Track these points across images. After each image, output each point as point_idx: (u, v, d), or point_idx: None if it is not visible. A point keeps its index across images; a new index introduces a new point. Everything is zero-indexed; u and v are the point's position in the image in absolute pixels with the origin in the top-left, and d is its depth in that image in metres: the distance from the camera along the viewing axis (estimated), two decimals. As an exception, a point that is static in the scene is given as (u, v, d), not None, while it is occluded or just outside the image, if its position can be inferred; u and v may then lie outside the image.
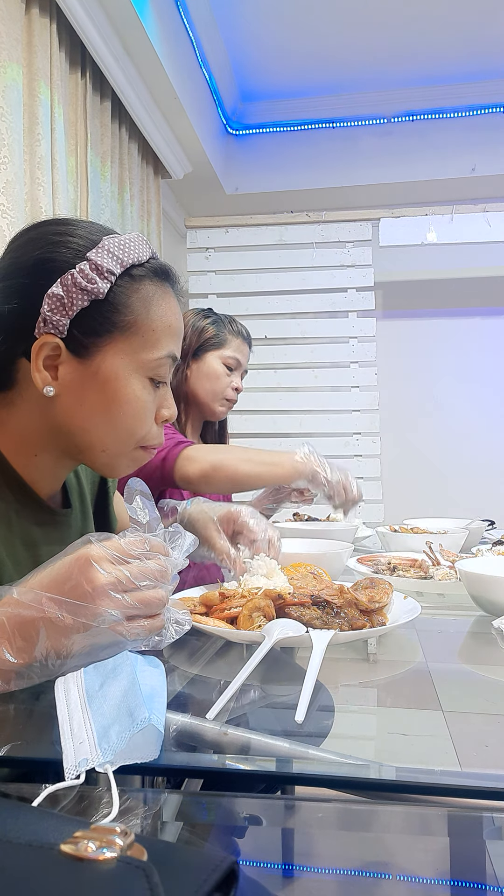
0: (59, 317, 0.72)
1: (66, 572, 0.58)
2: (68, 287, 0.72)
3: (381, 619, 0.82)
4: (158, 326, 0.77)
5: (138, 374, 0.76)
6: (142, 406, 0.77)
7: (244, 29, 2.89)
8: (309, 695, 0.58)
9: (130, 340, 0.75)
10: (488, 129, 3.23)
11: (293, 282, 3.52)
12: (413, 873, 0.49)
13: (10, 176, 1.76)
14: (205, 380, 1.69)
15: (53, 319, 0.72)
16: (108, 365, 0.75)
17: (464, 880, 0.52)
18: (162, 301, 0.78)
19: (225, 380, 1.70)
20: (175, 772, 0.55)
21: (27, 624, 0.57)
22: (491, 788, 0.47)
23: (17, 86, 1.81)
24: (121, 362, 0.75)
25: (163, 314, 0.78)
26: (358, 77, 3.19)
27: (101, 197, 2.33)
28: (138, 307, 0.75)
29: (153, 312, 0.77)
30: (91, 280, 0.72)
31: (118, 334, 0.75)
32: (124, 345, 0.75)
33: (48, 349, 0.73)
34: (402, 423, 3.55)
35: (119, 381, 0.75)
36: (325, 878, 0.53)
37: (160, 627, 0.62)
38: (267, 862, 0.57)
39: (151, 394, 0.78)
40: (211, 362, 1.69)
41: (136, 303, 0.75)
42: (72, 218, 0.81)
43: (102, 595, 0.57)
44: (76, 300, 0.72)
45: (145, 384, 0.77)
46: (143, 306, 0.76)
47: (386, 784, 0.50)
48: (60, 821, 0.36)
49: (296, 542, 1.25)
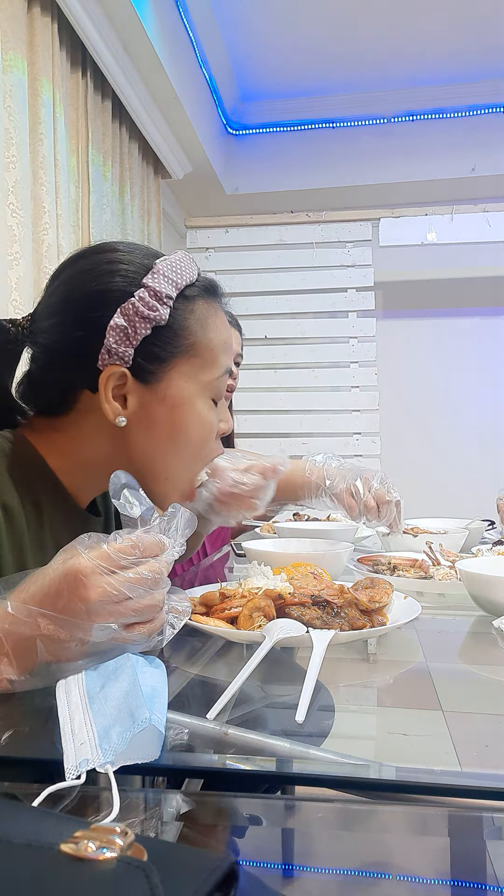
0: (125, 347, 0.72)
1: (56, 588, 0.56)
2: (129, 316, 0.72)
3: (381, 619, 0.81)
4: (216, 345, 0.77)
5: (203, 396, 0.76)
6: (209, 428, 0.78)
7: (244, 29, 2.89)
8: (309, 695, 0.58)
9: (192, 362, 0.75)
10: (488, 129, 3.24)
11: (293, 282, 3.52)
12: (413, 873, 0.49)
13: (18, 175, 1.76)
14: None
15: (119, 350, 0.72)
16: (175, 389, 0.74)
17: (464, 880, 0.52)
18: (216, 319, 0.78)
19: None
20: (175, 772, 0.55)
21: (24, 640, 0.57)
22: (491, 788, 0.47)
23: (22, 85, 1.81)
24: (185, 385, 0.75)
25: (218, 332, 0.78)
26: (358, 77, 3.20)
27: (103, 197, 2.33)
28: (196, 328, 0.76)
29: (210, 331, 0.77)
30: (152, 308, 0.72)
31: (180, 358, 0.75)
32: (187, 367, 0.75)
33: (115, 379, 0.73)
34: (402, 423, 3.56)
35: (185, 406, 0.75)
36: (325, 878, 0.53)
37: (159, 628, 0.61)
38: (267, 862, 0.57)
39: (214, 413, 0.78)
40: None
41: (194, 324, 0.76)
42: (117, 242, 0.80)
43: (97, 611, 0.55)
44: (139, 329, 0.72)
45: (210, 405, 0.78)
46: (200, 327, 0.76)
47: (386, 784, 0.50)
48: (60, 821, 0.36)
49: (296, 542, 1.25)
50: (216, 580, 1.07)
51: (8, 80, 1.75)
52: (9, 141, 1.73)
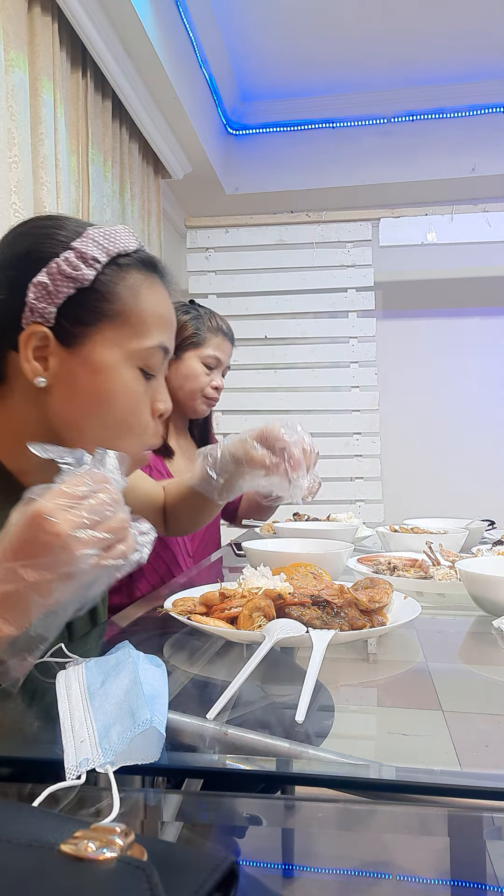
0: (45, 304, 0.72)
1: (25, 536, 0.56)
2: (53, 275, 0.72)
3: (381, 619, 0.82)
4: (148, 316, 0.76)
5: (128, 364, 0.75)
6: (134, 397, 0.76)
7: (244, 29, 2.89)
8: (309, 695, 0.58)
9: (119, 329, 0.74)
10: (488, 129, 3.24)
11: (293, 282, 3.52)
12: (413, 873, 0.49)
13: (21, 175, 1.76)
14: (183, 380, 1.64)
15: (39, 307, 0.72)
16: (98, 354, 0.74)
17: (464, 880, 0.52)
18: (151, 291, 0.77)
19: (204, 379, 1.65)
20: (175, 772, 0.55)
21: (12, 596, 0.56)
22: (491, 788, 0.47)
23: (23, 85, 1.81)
24: (110, 351, 0.74)
25: (152, 304, 0.77)
26: (358, 77, 3.20)
27: (103, 197, 2.33)
28: (126, 295, 0.75)
29: (142, 301, 0.76)
30: (76, 267, 0.72)
31: (106, 323, 0.74)
32: (113, 334, 0.74)
33: (37, 339, 0.73)
34: (402, 423, 3.56)
35: (110, 371, 0.74)
36: (325, 878, 0.53)
37: (133, 547, 0.61)
38: (267, 862, 0.57)
39: (143, 385, 0.77)
40: (189, 362, 1.64)
41: (124, 291, 0.75)
42: (61, 214, 0.81)
43: (71, 541, 0.55)
44: (61, 288, 0.72)
45: (136, 375, 0.76)
46: (131, 295, 0.75)
47: (386, 784, 0.50)
48: (60, 821, 0.36)
49: (296, 542, 1.25)
50: (216, 580, 1.06)
51: (10, 80, 1.75)
52: (11, 141, 1.74)
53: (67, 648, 0.74)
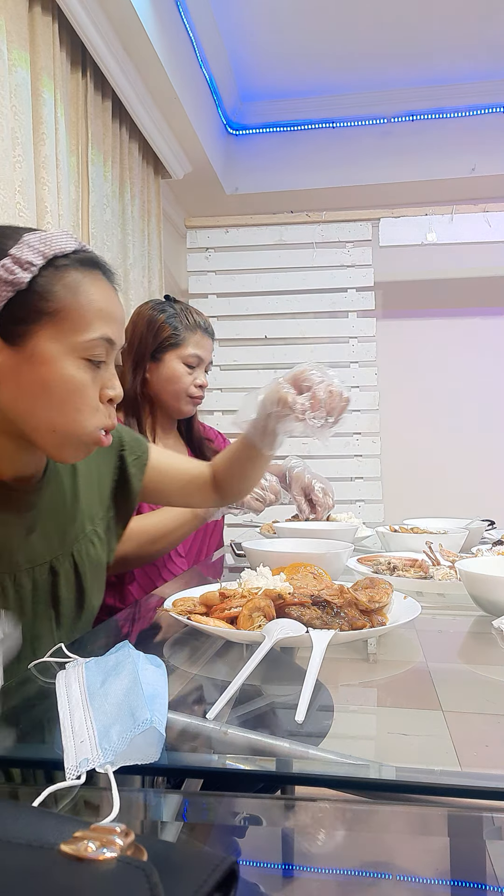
0: None
1: None
2: None
3: (381, 619, 0.82)
4: (87, 310, 0.81)
5: (71, 356, 0.80)
6: (78, 384, 0.81)
7: (244, 29, 2.89)
8: (309, 695, 0.58)
9: (59, 325, 0.79)
10: (488, 129, 3.23)
11: (293, 282, 3.52)
12: (413, 873, 0.49)
13: (24, 175, 1.76)
14: (165, 382, 1.62)
15: None
16: (41, 350, 0.79)
17: (464, 880, 0.52)
18: (90, 286, 0.82)
19: (187, 379, 1.63)
20: (175, 772, 0.55)
21: None
22: (491, 788, 0.47)
23: (26, 84, 1.81)
24: (52, 346, 0.79)
25: (92, 298, 0.82)
26: (358, 77, 3.19)
27: (103, 197, 2.33)
28: (63, 294, 0.80)
29: (81, 297, 0.81)
30: (12, 272, 0.77)
31: (47, 320, 0.79)
32: (54, 330, 0.79)
33: None
34: (402, 423, 3.55)
35: (52, 364, 0.79)
36: (325, 878, 0.53)
37: None
38: (267, 862, 0.57)
39: (88, 373, 0.82)
40: (170, 363, 1.62)
41: (61, 290, 0.80)
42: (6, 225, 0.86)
43: None
44: (1, 292, 0.77)
45: (79, 364, 0.81)
46: (68, 292, 0.80)
47: (386, 784, 0.50)
48: (60, 821, 0.36)
49: (296, 542, 1.25)
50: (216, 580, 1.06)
51: (13, 79, 1.75)
52: (15, 140, 1.74)
53: (69, 647, 0.74)
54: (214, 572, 1.55)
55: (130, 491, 1.08)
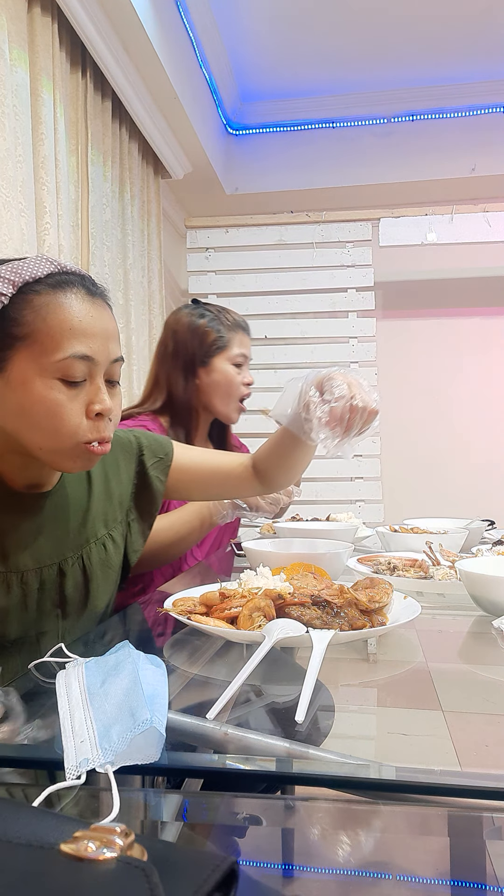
0: None
1: None
2: None
3: (381, 619, 0.82)
4: (56, 331, 0.83)
5: (44, 377, 0.82)
6: (52, 405, 0.83)
7: (244, 29, 2.89)
8: (309, 695, 0.58)
9: (31, 348, 0.82)
10: (488, 129, 3.23)
11: (293, 282, 3.52)
12: (413, 873, 0.49)
13: (25, 175, 1.76)
14: (219, 387, 1.62)
15: None
16: (17, 373, 0.82)
17: (464, 880, 0.52)
18: (58, 308, 0.83)
19: (237, 379, 1.64)
20: (175, 772, 0.55)
21: None
22: (491, 788, 0.47)
23: (25, 85, 1.81)
24: (26, 368, 0.82)
25: (60, 319, 0.83)
26: (358, 77, 3.19)
27: (102, 197, 2.33)
28: (32, 318, 0.82)
29: (49, 319, 0.83)
30: None
31: (19, 345, 0.82)
32: (26, 353, 0.82)
33: None
34: (402, 423, 3.55)
35: (26, 385, 0.82)
36: (325, 878, 0.53)
37: None
38: (267, 862, 0.57)
39: (64, 393, 0.83)
40: (221, 367, 1.62)
41: (29, 315, 0.82)
42: None
43: None
44: None
45: (53, 385, 0.83)
46: (36, 317, 0.82)
47: (386, 784, 0.50)
48: (60, 821, 0.36)
49: (296, 542, 1.25)
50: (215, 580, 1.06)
51: (14, 79, 1.75)
52: (16, 140, 1.74)
53: (69, 647, 0.74)
54: (225, 566, 1.55)
55: (153, 493, 1.12)
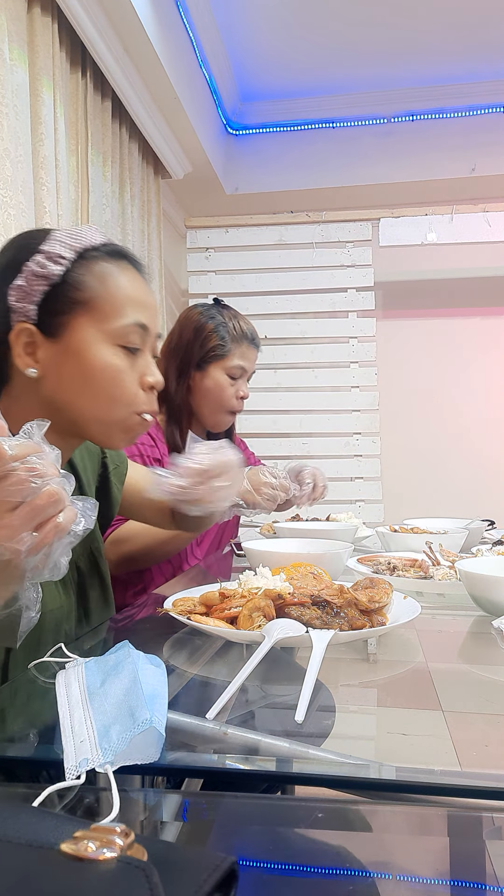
0: (25, 304, 0.80)
1: None
2: (27, 277, 0.80)
3: (381, 619, 0.81)
4: (118, 298, 0.83)
5: (106, 343, 0.82)
6: (115, 370, 0.82)
7: (244, 29, 2.89)
8: (309, 695, 0.58)
9: (93, 314, 0.81)
10: (488, 129, 3.23)
11: (293, 282, 3.52)
12: (413, 873, 0.49)
13: (25, 175, 1.76)
14: (207, 392, 1.60)
15: (19, 307, 0.80)
16: (77, 339, 0.81)
17: (464, 880, 0.52)
18: (120, 275, 0.84)
19: (229, 391, 1.60)
20: (175, 772, 0.55)
21: None
22: (491, 788, 0.47)
23: (25, 85, 1.81)
24: (87, 334, 0.81)
25: (122, 286, 0.84)
26: (358, 77, 3.19)
27: (102, 197, 2.33)
28: (94, 283, 0.82)
29: (110, 286, 0.83)
30: (44, 266, 0.80)
31: (80, 310, 0.81)
32: (88, 318, 0.81)
33: (25, 336, 0.80)
34: (402, 423, 3.56)
35: (89, 351, 0.81)
36: (325, 878, 0.53)
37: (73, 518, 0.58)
38: (267, 862, 0.57)
39: (124, 360, 0.83)
40: (214, 375, 1.59)
41: (92, 280, 0.82)
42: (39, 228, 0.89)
43: None
44: (35, 286, 0.80)
45: (115, 351, 0.83)
46: (99, 282, 0.82)
47: (386, 784, 0.50)
48: (60, 821, 0.36)
49: (296, 542, 1.25)
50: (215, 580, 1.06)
51: (14, 79, 1.75)
52: (17, 140, 1.74)
53: (69, 647, 0.74)
54: (223, 568, 1.55)
55: (111, 500, 1.09)
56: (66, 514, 0.57)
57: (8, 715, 0.62)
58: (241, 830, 0.54)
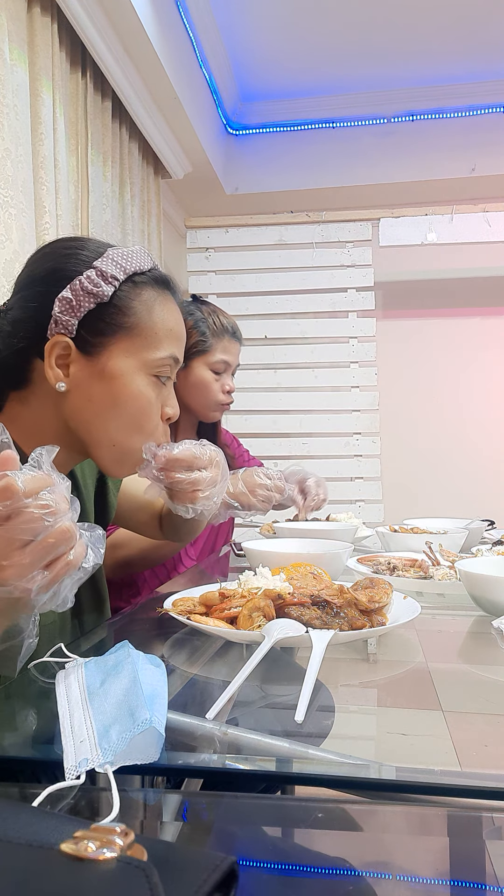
0: (68, 317, 0.79)
1: None
2: (76, 291, 0.79)
3: (381, 619, 0.81)
4: (160, 329, 0.83)
5: (142, 373, 0.82)
6: (147, 401, 0.83)
7: (244, 29, 2.89)
8: (309, 695, 0.58)
9: (134, 340, 0.81)
10: (488, 129, 3.23)
11: (293, 282, 3.52)
12: (413, 873, 0.49)
13: (25, 175, 1.76)
14: (193, 389, 1.59)
15: (63, 320, 0.79)
16: (114, 363, 0.81)
17: (464, 880, 0.52)
18: (163, 306, 0.84)
19: (214, 386, 1.60)
20: (175, 772, 0.55)
21: None
22: (491, 788, 0.47)
23: (24, 85, 1.81)
24: (125, 361, 0.81)
25: (164, 318, 0.84)
26: (358, 77, 3.19)
27: (102, 197, 2.33)
28: (140, 310, 0.82)
29: (155, 315, 0.83)
30: (96, 284, 0.79)
31: (122, 335, 0.81)
32: (128, 344, 0.81)
33: (60, 348, 0.80)
34: (402, 423, 3.56)
35: (124, 378, 0.81)
36: (325, 878, 0.53)
37: (83, 554, 0.57)
38: (267, 862, 0.57)
39: (154, 390, 0.84)
40: (197, 371, 1.59)
41: (139, 306, 0.82)
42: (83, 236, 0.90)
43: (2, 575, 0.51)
44: (83, 302, 0.79)
45: (149, 381, 0.83)
46: (145, 310, 0.82)
47: (386, 784, 0.50)
48: (60, 821, 0.36)
49: (296, 542, 1.25)
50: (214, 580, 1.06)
51: (14, 78, 1.75)
52: (17, 140, 1.74)
53: (69, 647, 0.74)
54: (219, 570, 1.55)
55: (107, 505, 1.08)
56: (76, 551, 0.56)
57: (8, 715, 0.62)
58: (241, 830, 0.54)
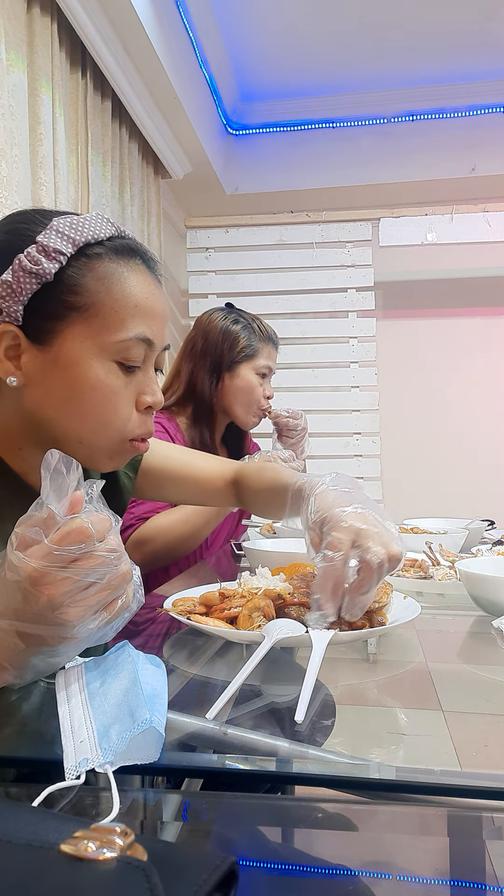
0: (11, 303, 0.69)
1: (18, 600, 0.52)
2: (16, 272, 0.69)
3: (381, 619, 0.81)
4: (122, 307, 0.72)
5: (101, 358, 0.72)
6: (109, 390, 0.72)
7: (244, 29, 2.89)
8: (309, 695, 0.58)
9: (89, 322, 0.71)
10: (488, 129, 3.24)
11: (293, 282, 3.52)
12: (413, 873, 0.49)
13: (21, 175, 1.76)
14: (240, 393, 1.67)
15: (5, 306, 0.69)
16: (68, 350, 0.70)
17: (464, 880, 0.52)
18: (126, 280, 0.73)
19: (258, 391, 1.69)
20: (175, 772, 0.55)
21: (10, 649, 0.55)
22: (491, 788, 0.47)
23: (22, 85, 1.81)
24: (81, 346, 0.71)
25: (128, 293, 0.72)
26: (358, 77, 3.19)
27: (102, 197, 2.33)
28: (94, 287, 0.71)
29: (114, 292, 0.72)
30: (36, 262, 0.68)
31: (75, 317, 0.70)
32: (83, 327, 0.71)
33: (8, 339, 0.70)
34: (402, 423, 3.55)
35: (80, 366, 0.71)
36: (325, 878, 0.53)
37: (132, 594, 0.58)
38: (267, 862, 0.57)
39: (120, 378, 0.73)
40: (245, 375, 1.67)
41: (91, 282, 0.71)
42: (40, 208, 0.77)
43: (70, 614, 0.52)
44: (24, 284, 0.69)
45: (111, 368, 0.72)
46: (100, 286, 0.71)
47: (386, 784, 0.50)
48: (60, 821, 0.36)
49: (296, 542, 1.25)
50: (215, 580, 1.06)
51: (10, 80, 1.75)
52: (12, 140, 1.74)
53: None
54: (229, 570, 1.55)
55: (120, 489, 1.02)
56: (126, 596, 0.56)
57: (7, 715, 0.62)
58: (241, 830, 0.54)
